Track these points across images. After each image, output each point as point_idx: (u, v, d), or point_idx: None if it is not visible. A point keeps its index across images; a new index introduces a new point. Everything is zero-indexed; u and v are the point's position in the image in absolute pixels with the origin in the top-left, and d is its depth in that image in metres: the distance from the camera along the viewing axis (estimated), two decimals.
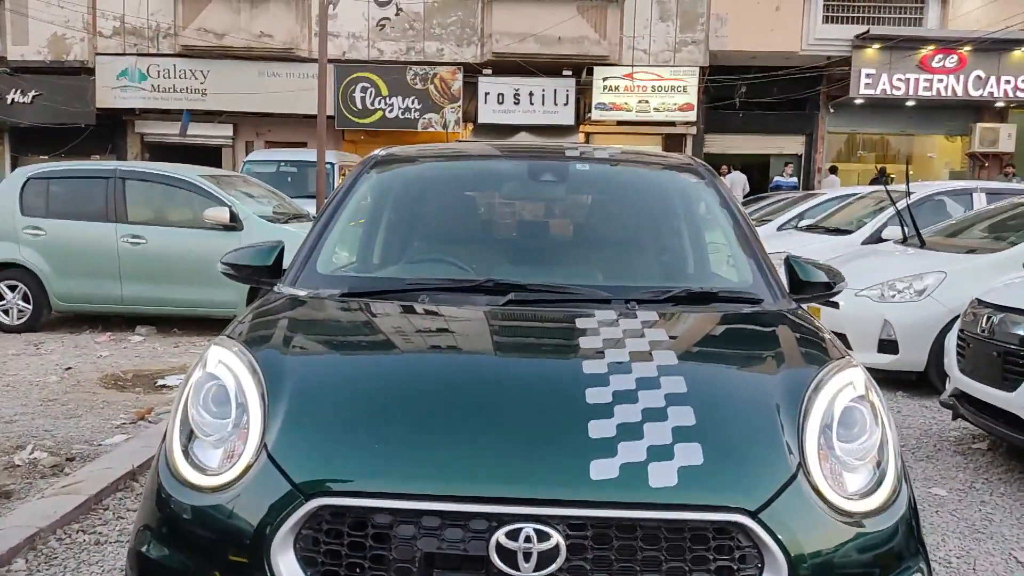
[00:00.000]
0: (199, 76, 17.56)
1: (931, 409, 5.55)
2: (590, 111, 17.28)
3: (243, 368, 1.83)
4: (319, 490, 1.55)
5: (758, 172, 18.31)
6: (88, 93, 17.45)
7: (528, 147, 3.39)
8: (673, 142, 17.34)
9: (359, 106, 17.47)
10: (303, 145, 16.33)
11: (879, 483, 1.70)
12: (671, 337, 2.08)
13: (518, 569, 1.49)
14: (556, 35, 16.28)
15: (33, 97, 17.46)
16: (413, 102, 17.40)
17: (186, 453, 1.74)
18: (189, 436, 1.77)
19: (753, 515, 1.53)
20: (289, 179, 12.30)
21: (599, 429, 1.65)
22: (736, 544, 1.53)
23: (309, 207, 9.68)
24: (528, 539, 1.49)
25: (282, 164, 12.76)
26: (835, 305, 6.02)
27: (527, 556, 1.49)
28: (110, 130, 18.01)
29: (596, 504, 1.53)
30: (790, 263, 2.65)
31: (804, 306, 2.50)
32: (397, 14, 17.18)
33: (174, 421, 1.81)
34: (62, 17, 16.75)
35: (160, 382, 5.82)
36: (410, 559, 1.52)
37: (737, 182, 16.80)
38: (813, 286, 2.59)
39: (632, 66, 16.97)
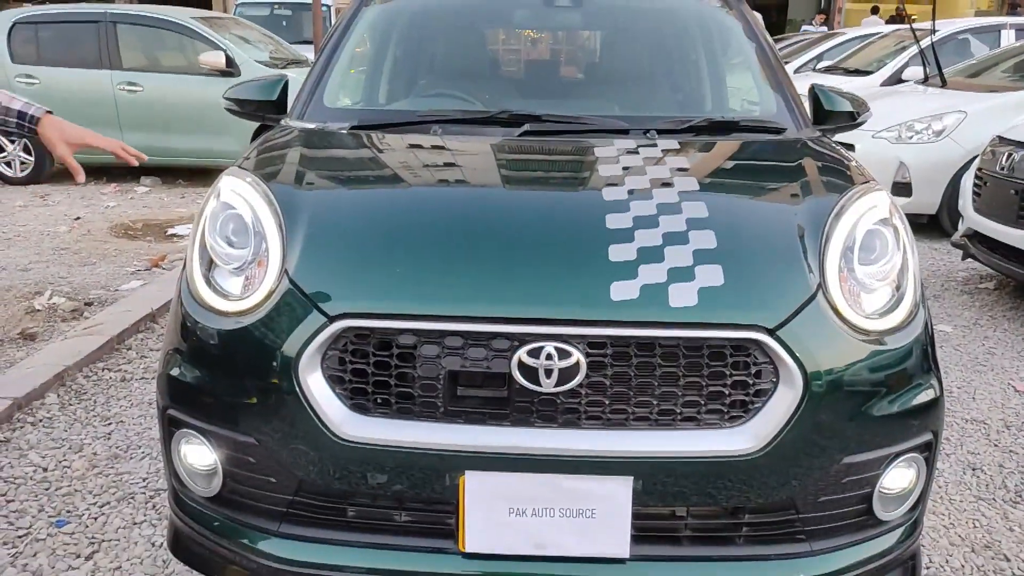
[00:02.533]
0: None
1: (940, 251, 5.57)
2: None
3: (258, 198, 1.81)
4: (343, 312, 1.56)
5: (776, 12, 17.47)
6: None
7: None
8: None
9: None
10: None
11: (897, 304, 1.71)
12: (692, 164, 2.04)
13: (539, 385, 1.53)
14: None
15: None
16: None
17: (207, 280, 1.74)
18: (209, 265, 1.77)
19: (771, 332, 1.54)
20: (284, 23, 11.79)
21: (620, 252, 1.64)
22: (753, 360, 1.56)
23: (307, 53, 9.33)
24: (549, 357, 1.52)
25: (276, 7, 12.18)
26: (851, 147, 5.91)
27: (548, 373, 1.52)
28: None
29: (616, 323, 1.54)
30: (815, 92, 2.56)
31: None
32: None
33: (192, 250, 1.81)
34: None
35: (170, 231, 5.84)
36: (434, 377, 1.56)
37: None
38: (838, 115, 2.52)
39: None
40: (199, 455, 1.72)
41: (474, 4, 2.94)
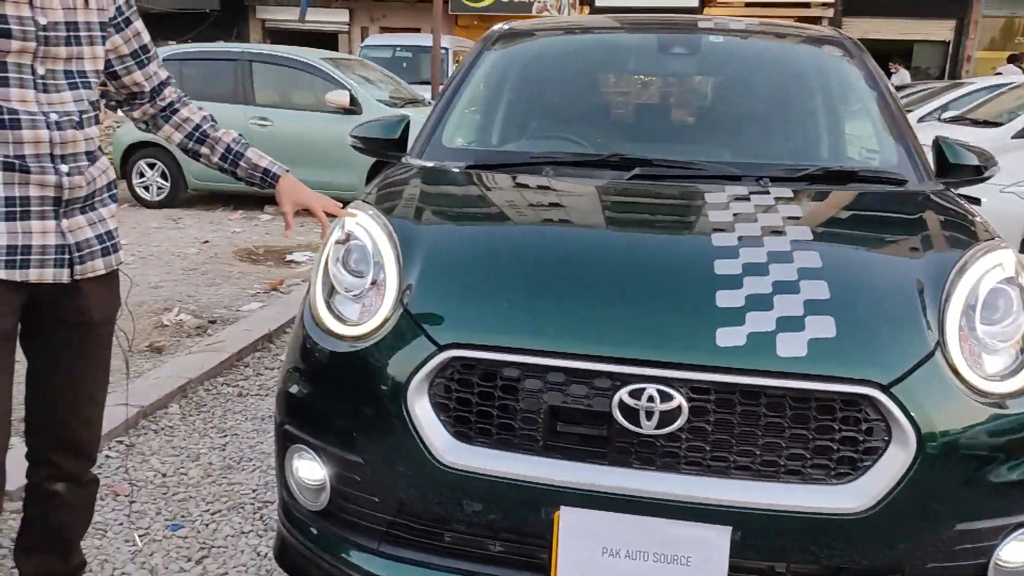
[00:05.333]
0: None
1: None
2: None
3: (379, 230, 1.91)
4: (452, 342, 1.62)
5: (900, 60, 16.90)
6: None
7: (657, 19, 3.24)
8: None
9: None
10: (416, 31, 16.21)
11: (1021, 366, 1.63)
12: (806, 213, 2.02)
13: (639, 426, 1.53)
14: None
15: None
16: None
17: (328, 306, 1.85)
18: (330, 292, 1.88)
19: (884, 388, 1.50)
20: (404, 64, 12.30)
21: (727, 299, 1.64)
22: (864, 416, 1.51)
23: (424, 93, 9.71)
24: (651, 399, 1.52)
25: (397, 49, 12.75)
26: (977, 201, 5.62)
27: (649, 415, 1.53)
28: (233, 16, 18.42)
29: (721, 369, 1.54)
30: (939, 144, 2.48)
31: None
32: None
33: (316, 277, 1.93)
34: None
35: (288, 257, 6.16)
36: (536, 411, 1.59)
37: (905, 79, 15.46)
38: (962, 169, 2.43)
39: None
40: (310, 470, 1.80)
41: (591, 51, 3.01)
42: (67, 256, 1.58)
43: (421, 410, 1.63)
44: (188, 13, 17.69)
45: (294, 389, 1.84)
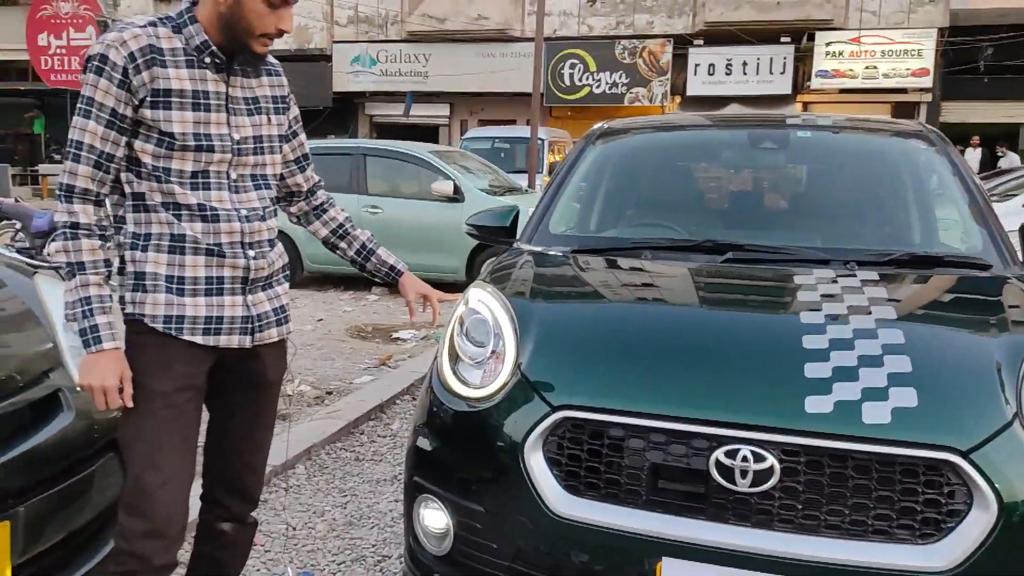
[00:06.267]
0: (422, 60, 18.83)
1: None
2: (809, 79, 16.46)
3: (498, 306, 2.18)
4: (564, 403, 1.85)
5: (1006, 143, 16.51)
6: (326, 78, 19.29)
7: (750, 116, 3.49)
8: (903, 111, 16.09)
9: (567, 83, 17.89)
10: (512, 122, 17.03)
11: None
12: (890, 295, 2.17)
13: (735, 484, 1.70)
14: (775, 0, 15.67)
15: None
16: (621, 76, 17.53)
17: (454, 371, 2.12)
18: (455, 359, 2.15)
19: (964, 454, 1.63)
20: (502, 154, 12.96)
21: (815, 370, 1.81)
22: (946, 480, 1.64)
23: (521, 181, 10.21)
24: (745, 459, 1.70)
25: (496, 141, 13.46)
26: None
27: (743, 473, 1.70)
28: (344, 112, 19.80)
29: (810, 434, 1.70)
30: None
31: None
32: None
33: (443, 347, 2.21)
34: (305, 8, 18.54)
35: (395, 335, 6.54)
36: (639, 468, 1.78)
37: (1014, 162, 15.09)
38: None
39: (860, 29, 15.92)
40: (435, 518, 2.04)
41: (686, 146, 3.28)
42: (250, 326, 1.91)
43: (536, 464, 1.85)
44: (303, 110, 19.10)
45: (423, 444, 2.09)
